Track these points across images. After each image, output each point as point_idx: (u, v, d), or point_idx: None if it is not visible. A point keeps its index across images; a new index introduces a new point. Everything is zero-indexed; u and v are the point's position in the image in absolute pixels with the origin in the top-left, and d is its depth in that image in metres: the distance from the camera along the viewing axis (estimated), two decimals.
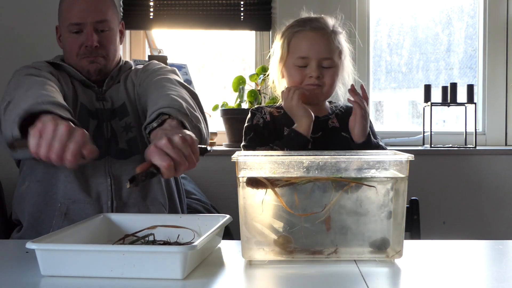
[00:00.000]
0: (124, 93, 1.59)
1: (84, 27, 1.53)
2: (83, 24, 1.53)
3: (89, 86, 1.58)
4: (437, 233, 2.33)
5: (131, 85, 1.61)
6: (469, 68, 2.77)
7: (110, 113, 1.55)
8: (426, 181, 2.38)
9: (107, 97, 1.57)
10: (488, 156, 2.42)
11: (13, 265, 1.03)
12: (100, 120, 1.53)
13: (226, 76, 2.54)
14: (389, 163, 1.02)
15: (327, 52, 1.58)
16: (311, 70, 1.58)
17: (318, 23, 1.61)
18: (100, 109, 1.55)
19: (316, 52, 1.58)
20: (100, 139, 1.48)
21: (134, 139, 1.53)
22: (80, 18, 1.53)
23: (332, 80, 1.60)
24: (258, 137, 1.59)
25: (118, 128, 1.54)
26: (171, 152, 1.08)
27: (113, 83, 1.62)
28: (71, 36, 1.55)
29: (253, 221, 1.02)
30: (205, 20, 2.58)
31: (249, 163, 1.02)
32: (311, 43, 1.58)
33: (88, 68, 1.56)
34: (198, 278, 0.94)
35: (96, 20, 1.54)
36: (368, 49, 2.63)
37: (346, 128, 1.58)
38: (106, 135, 1.51)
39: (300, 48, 1.59)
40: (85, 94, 1.56)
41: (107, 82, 1.59)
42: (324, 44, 1.58)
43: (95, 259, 0.93)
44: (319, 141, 1.57)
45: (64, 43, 1.59)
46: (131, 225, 1.18)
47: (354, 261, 1.02)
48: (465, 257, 1.11)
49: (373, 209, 1.02)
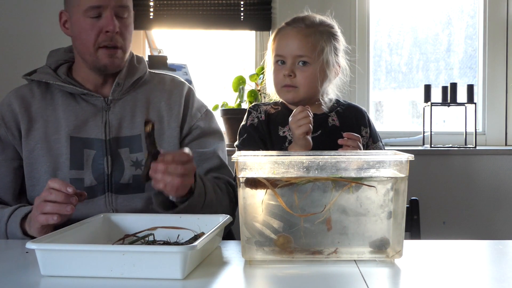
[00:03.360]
0: (143, 124, 1.39)
1: (103, 10, 1.39)
2: (103, 7, 1.39)
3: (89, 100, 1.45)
4: (437, 233, 2.33)
5: (155, 116, 1.47)
6: (469, 68, 2.77)
7: (115, 142, 1.43)
8: (426, 181, 2.38)
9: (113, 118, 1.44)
10: (488, 156, 2.42)
11: (13, 265, 1.03)
12: (99, 151, 1.42)
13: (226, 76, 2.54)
14: (389, 163, 1.02)
15: (301, 49, 1.53)
16: (285, 68, 1.55)
17: (301, 21, 1.57)
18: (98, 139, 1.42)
19: (290, 49, 1.54)
20: (96, 172, 1.41)
21: None
22: (100, 1, 1.38)
23: (307, 80, 1.53)
24: (251, 139, 1.58)
25: (127, 159, 1.43)
26: None
27: (122, 92, 1.48)
28: (87, 21, 1.39)
29: (253, 221, 1.02)
30: (205, 20, 2.58)
31: (249, 163, 1.02)
32: (287, 41, 1.55)
33: (105, 62, 1.42)
34: (198, 278, 0.94)
35: (118, 4, 1.40)
36: (368, 49, 2.63)
37: (346, 127, 1.56)
38: (107, 169, 1.41)
39: (278, 46, 1.57)
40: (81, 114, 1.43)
41: (113, 90, 1.46)
42: (299, 41, 1.53)
43: (95, 259, 0.93)
44: (318, 140, 1.54)
45: (78, 29, 1.41)
46: (131, 225, 1.18)
47: (354, 261, 1.02)
48: (465, 257, 1.11)
49: (373, 209, 1.02)
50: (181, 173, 1.17)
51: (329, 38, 1.57)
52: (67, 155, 1.41)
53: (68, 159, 1.40)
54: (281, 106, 1.63)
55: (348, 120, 1.62)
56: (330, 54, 1.56)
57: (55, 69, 1.49)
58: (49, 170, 1.40)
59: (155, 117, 1.48)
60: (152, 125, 1.19)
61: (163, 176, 1.17)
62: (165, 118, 1.49)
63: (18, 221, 1.27)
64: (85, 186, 1.39)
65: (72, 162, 1.40)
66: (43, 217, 1.16)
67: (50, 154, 1.41)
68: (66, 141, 1.41)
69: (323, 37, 1.55)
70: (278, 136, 1.57)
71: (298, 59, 1.54)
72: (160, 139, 1.47)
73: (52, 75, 1.46)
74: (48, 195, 1.17)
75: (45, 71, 1.48)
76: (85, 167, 1.41)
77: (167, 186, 1.18)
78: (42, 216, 1.16)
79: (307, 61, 1.53)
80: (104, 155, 1.42)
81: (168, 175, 1.17)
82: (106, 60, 1.42)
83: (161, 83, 1.55)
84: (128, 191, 1.41)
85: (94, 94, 1.45)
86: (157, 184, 1.18)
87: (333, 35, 1.59)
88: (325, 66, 1.56)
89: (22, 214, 1.28)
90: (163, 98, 1.51)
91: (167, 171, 1.16)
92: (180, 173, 1.17)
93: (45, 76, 1.46)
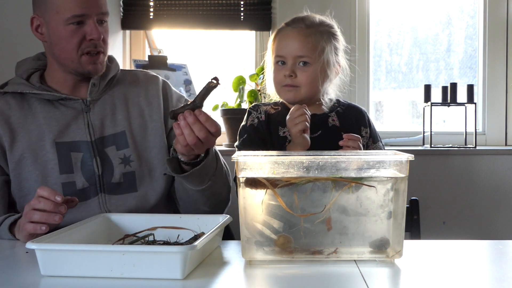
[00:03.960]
0: (125, 121, 1.47)
1: (86, 18, 1.38)
2: (86, 16, 1.38)
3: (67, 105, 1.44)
4: (437, 233, 2.33)
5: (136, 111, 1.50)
6: (469, 68, 2.77)
7: (100, 142, 1.44)
8: (426, 181, 2.38)
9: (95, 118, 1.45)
10: (488, 156, 2.42)
11: (13, 265, 1.03)
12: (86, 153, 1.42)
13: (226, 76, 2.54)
14: (389, 163, 1.02)
15: (301, 50, 1.53)
16: (285, 69, 1.55)
17: (301, 21, 1.57)
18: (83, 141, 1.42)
19: (290, 50, 1.54)
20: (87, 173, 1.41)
21: (131, 174, 1.44)
22: (84, 9, 1.37)
23: (309, 79, 1.54)
24: (251, 140, 1.58)
25: (114, 157, 1.43)
26: None
27: (99, 92, 1.48)
28: (69, 28, 1.37)
29: (253, 221, 1.02)
30: (205, 20, 2.58)
31: (249, 163, 1.02)
32: (287, 41, 1.56)
33: (89, 69, 1.42)
34: (198, 278, 0.94)
35: (100, 12, 1.40)
36: (368, 49, 2.63)
37: (346, 127, 1.56)
38: (97, 170, 1.41)
39: (278, 47, 1.58)
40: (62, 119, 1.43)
41: (90, 91, 1.45)
42: (299, 42, 1.54)
43: (95, 259, 0.93)
44: (318, 141, 1.54)
45: (58, 36, 1.39)
46: (131, 225, 1.18)
47: (354, 261, 1.02)
48: (465, 257, 1.11)
49: (373, 209, 1.02)
50: (202, 136, 1.21)
51: (329, 38, 1.57)
52: (55, 160, 1.39)
53: (57, 164, 1.39)
54: (281, 106, 1.63)
55: (348, 120, 1.61)
56: (330, 54, 1.57)
57: (27, 78, 1.46)
58: (38, 179, 1.39)
59: (136, 112, 1.50)
60: (216, 83, 1.24)
61: (185, 129, 1.21)
62: (146, 112, 1.50)
63: (7, 226, 1.27)
64: (77, 189, 1.39)
65: (61, 166, 1.39)
66: (31, 225, 1.17)
67: (38, 162, 1.39)
68: (51, 147, 1.40)
69: (323, 37, 1.55)
70: (278, 136, 1.57)
71: (299, 60, 1.54)
72: (145, 133, 1.48)
73: (26, 84, 1.44)
74: (36, 204, 1.17)
75: (18, 81, 1.45)
76: (75, 170, 1.40)
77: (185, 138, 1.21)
78: (30, 225, 1.17)
79: (307, 61, 1.54)
80: (93, 156, 1.41)
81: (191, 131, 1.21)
82: (89, 66, 1.42)
83: (135, 80, 1.56)
84: (120, 191, 1.42)
85: (72, 98, 1.44)
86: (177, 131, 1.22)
87: (333, 35, 1.59)
88: (325, 66, 1.56)
89: (11, 220, 1.28)
90: (140, 94, 1.53)
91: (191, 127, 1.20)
92: (202, 136, 1.21)
93: (19, 87, 1.43)
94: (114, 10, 2.52)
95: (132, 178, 1.44)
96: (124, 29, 2.59)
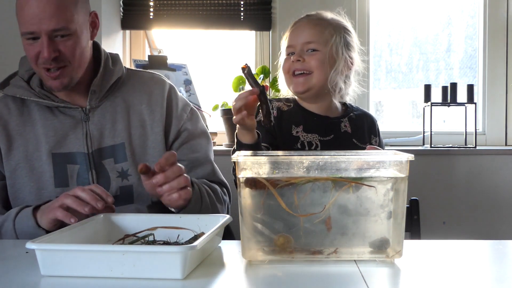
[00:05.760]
0: (125, 131, 1.43)
1: (38, 35, 1.31)
2: (36, 33, 1.30)
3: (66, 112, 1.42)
4: (437, 233, 2.33)
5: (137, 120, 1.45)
6: (469, 68, 2.77)
7: (98, 154, 1.40)
8: (426, 181, 2.38)
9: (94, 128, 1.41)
10: (488, 156, 2.42)
11: (13, 265, 1.03)
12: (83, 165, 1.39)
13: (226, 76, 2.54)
14: (389, 163, 1.02)
15: (309, 37, 1.55)
16: (294, 57, 1.56)
17: (312, 15, 1.60)
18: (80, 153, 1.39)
19: (299, 38, 1.56)
20: None
21: (129, 188, 1.42)
22: (32, 26, 1.29)
23: (317, 63, 1.53)
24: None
25: (112, 170, 1.40)
26: None
27: (99, 99, 1.44)
28: (26, 43, 1.33)
29: (253, 221, 1.02)
30: (205, 20, 2.58)
31: (249, 163, 1.02)
32: (297, 32, 1.58)
33: (50, 84, 1.36)
34: (198, 278, 0.94)
35: (51, 29, 1.30)
36: (368, 49, 2.63)
37: (358, 135, 1.57)
38: (93, 183, 1.38)
39: (289, 38, 1.60)
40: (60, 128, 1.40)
41: (89, 98, 1.41)
42: (308, 29, 1.56)
43: (95, 259, 0.93)
44: (330, 145, 1.54)
45: (24, 47, 1.36)
46: (131, 225, 1.18)
47: (354, 261, 1.02)
48: (465, 257, 1.11)
49: (373, 209, 1.02)
50: (182, 186, 1.22)
51: (339, 29, 1.59)
52: (51, 172, 1.37)
53: (52, 177, 1.37)
54: (293, 103, 1.62)
55: (359, 128, 1.62)
56: (339, 43, 1.57)
57: (28, 79, 1.44)
58: (33, 191, 1.37)
59: (137, 121, 1.45)
60: (247, 66, 1.30)
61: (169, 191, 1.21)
62: (148, 123, 1.46)
63: (30, 211, 1.25)
64: None
65: (56, 180, 1.37)
66: (62, 213, 1.16)
67: (33, 173, 1.38)
68: (47, 158, 1.38)
69: (332, 26, 1.57)
70: (290, 135, 1.56)
71: (307, 46, 1.55)
72: (144, 144, 1.45)
73: (26, 88, 1.42)
74: (79, 191, 1.18)
75: (19, 84, 1.43)
76: (70, 183, 1.38)
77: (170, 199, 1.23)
78: (62, 212, 1.16)
79: (316, 48, 1.55)
80: (89, 169, 1.39)
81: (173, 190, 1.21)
82: (49, 82, 1.36)
83: (140, 82, 1.51)
84: (116, 203, 1.37)
85: (71, 106, 1.42)
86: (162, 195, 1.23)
87: (344, 28, 1.60)
88: (334, 54, 1.56)
89: (33, 206, 1.26)
90: (143, 101, 1.47)
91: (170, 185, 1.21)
92: (182, 186, 1.22)
93: (19, 91, 1.41)
94: (114, 10, 2.52)
95: (129, 192, 1.42)
96: (124, 29, 2.59)
